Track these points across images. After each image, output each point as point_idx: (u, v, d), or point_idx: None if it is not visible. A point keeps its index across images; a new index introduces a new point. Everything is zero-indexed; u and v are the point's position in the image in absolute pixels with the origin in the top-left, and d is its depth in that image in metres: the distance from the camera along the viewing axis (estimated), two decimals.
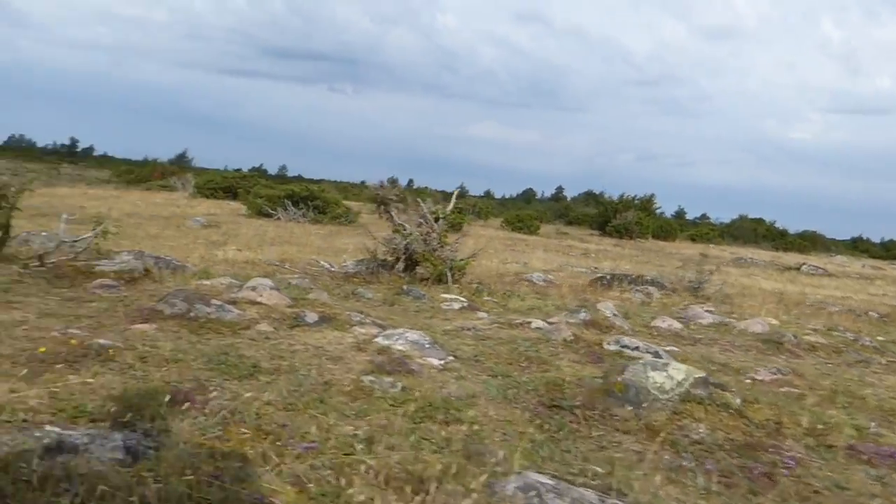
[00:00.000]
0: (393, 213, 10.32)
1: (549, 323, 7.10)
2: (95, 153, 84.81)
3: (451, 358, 4.99)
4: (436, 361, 4.82)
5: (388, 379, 4.13)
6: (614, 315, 8.64)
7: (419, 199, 10.50)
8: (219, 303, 5.41)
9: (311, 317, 5.59)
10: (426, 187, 44.36)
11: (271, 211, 24.49)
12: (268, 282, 6.16)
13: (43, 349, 3.79)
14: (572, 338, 6.35)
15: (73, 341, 4.00)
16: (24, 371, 3.52)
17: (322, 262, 9.96)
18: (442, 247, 9.99)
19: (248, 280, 8.29)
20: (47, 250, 6.99)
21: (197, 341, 4.58)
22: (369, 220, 28.90)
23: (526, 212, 39.70)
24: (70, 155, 78.30)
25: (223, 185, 31.52)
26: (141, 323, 4.86)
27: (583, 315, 7.62)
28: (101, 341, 4.08)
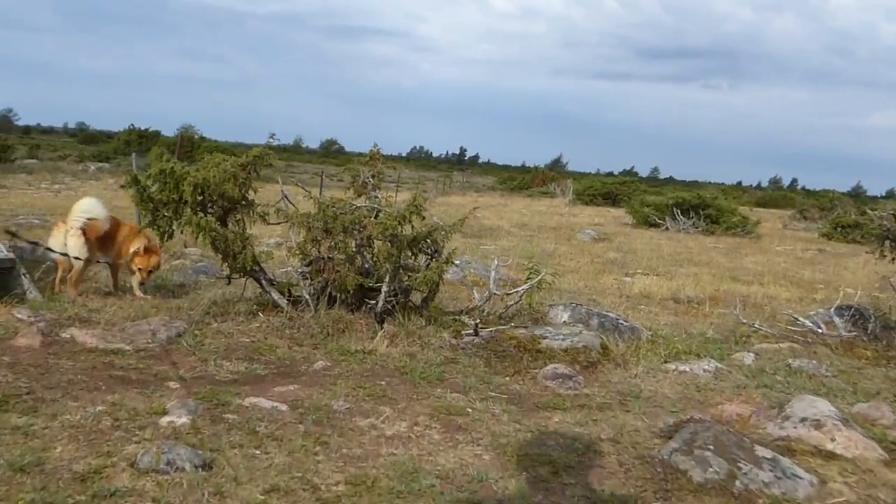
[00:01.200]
0: None
1: None
2: (480, 161, 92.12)
3: None
4: None
5: None
6: None
7: None
8: (769, 455, 3.08)
9: None
10: (833, 190, 37.20)
11: (658, 220, 22.16)
12: (827, 406, 3.62)
13: None
14: None
15: None
16: None
17: (798, 317, 7.09)
18: None
19: (709, 346, 5.94)
20: (475, 305, 5.52)
21: None
22: (768, 230, 24.57)
23: None
24: (459, 163, 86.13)
25: (602, 192, 29.98)
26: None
27: None
28: None
